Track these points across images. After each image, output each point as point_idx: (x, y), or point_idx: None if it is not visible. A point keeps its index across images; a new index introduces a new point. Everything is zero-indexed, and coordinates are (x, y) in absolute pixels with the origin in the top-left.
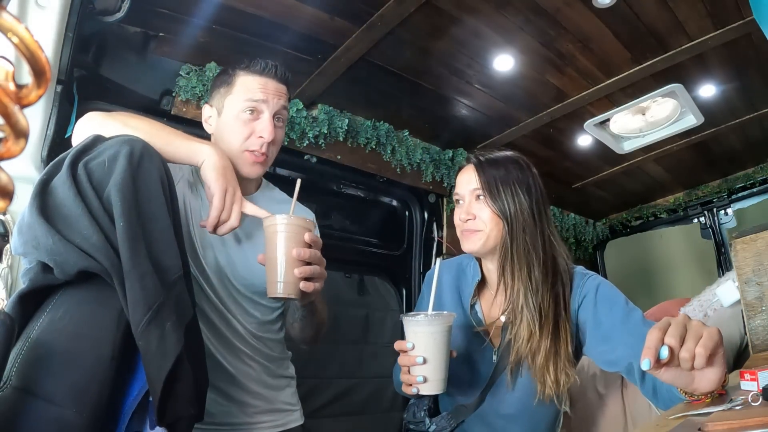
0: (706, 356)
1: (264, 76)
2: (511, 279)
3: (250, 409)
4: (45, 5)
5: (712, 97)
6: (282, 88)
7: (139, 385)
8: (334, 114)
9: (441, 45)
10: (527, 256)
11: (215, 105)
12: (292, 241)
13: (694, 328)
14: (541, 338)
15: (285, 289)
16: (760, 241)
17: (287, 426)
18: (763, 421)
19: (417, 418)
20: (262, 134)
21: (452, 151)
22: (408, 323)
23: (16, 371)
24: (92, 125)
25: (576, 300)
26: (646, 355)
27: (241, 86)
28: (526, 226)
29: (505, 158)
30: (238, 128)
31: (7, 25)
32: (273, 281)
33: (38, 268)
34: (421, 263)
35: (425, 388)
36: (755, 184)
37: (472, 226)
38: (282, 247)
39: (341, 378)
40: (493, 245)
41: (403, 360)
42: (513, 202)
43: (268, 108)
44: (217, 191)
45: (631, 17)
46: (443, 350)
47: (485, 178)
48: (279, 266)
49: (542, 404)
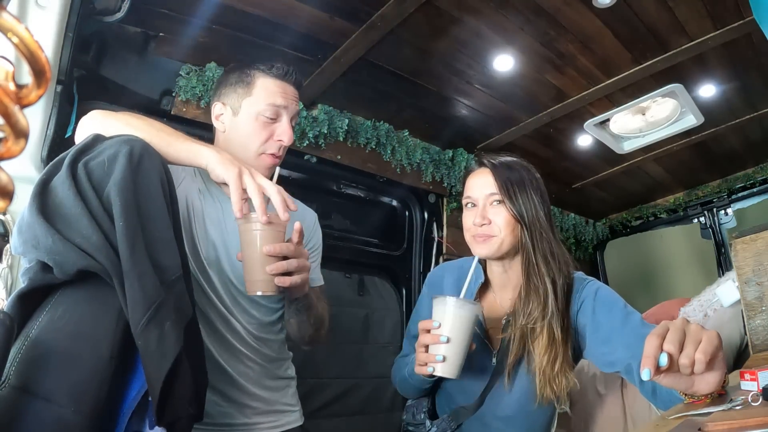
0: (706, 362)
1: (284, 81)
2: (539, 283)
3: (248, 410)
4: (45, 5)
5: (712, 97)
6: (297, 93)
7: (138, 384)
8: (334, 114)
9: (441, 45)
10: (550, 260)
11: (230, 104)
12: (263, 238)
13: (693, 333)
14: (557, 344)
15: (259, 287)
16: (760, 241)
17: (286, 427)
18: (763, 421)
19: (416, 420)
20: (282, 138)
21: (452, 151)
22: (438, 303)
23: (15, 370)
24: (95, 124)
25: (575, 304)
26: (646, 365)
27: (261, 89)
28: (543, 230)
29: (516, 162)
30: (258, 131)
31: (7, 25)
32: (248, 280)
33: (38, 267)
34: (421, 263)
35: (442, 368)
36: (755, 184)
37: (487, 231)
38: (252, 245)
39: (341, 378)
40: (507, 250)
41: (426, 338)
42: (530, 206)
43: (287, 113)
44: (232, 175)
45: (631, 17)
46: (467, 335)
47: (503, 182)
48: (252, 264)
49: (539, 406)
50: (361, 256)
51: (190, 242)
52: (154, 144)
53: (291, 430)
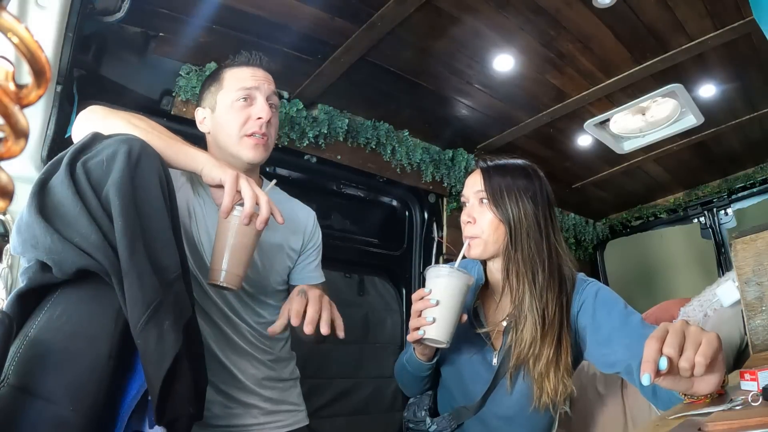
0: (706, 365)
1: (251, 66)
2: (517, 282)
3: (256, 410)
4: (45, 5)
5: (712, 97)
6: (269, 75)
7: (137, 384)
8: (334, 114)
9: (441, 45)
10: (531, 261)
11: (207, 105)
12: (240, 233)
13: (693, 335)
14: (543, 344)
15: (221, 277)
16: (760, 241)
17: (294, 426)
18: (763, 421)
19: (417, 417)
20: (260, 115)
21: (452, 151)
22: (430, 272)
23: (14, 369)
24: (95, 118)
25: (575, 306)
26: (646, 370)
27: (231, 79)
28: (530, 232)
29: (513, 166)
30: (234, 116)
31: (7, 25)
32: (213, 268)
33: (37, 267)
34: (421, 263)
35: (432, 330)
36: (755, 184)
37: (470, 232)
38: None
39: (341, 378)
40: (493, 250)
41: (418, 305)
42: (517, 207)
43: (260, 93)
44: (228, 177)
45: (631, 17)
46: (457, 301)
47: (489, 183)
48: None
49: (535, 410)
50: (361, 256)
51: (192, 244)
52: (153, 145)
53: (298, 429)
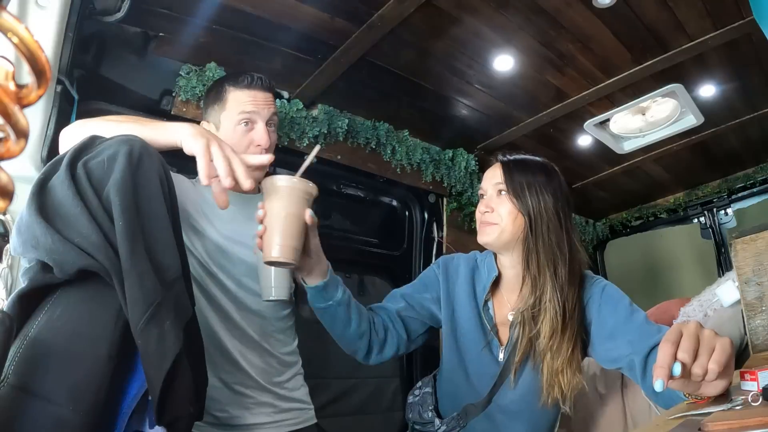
0: (719, 372)
1: (252, 89)
2: (538, 273)
3: (269, 408)
4: (45, 5)
5: (712, 97)
6: (270, 96)
7: (138, 384)
8: (334, 114)
9: (441, 45)
10: (552, 254)
11: (213, 121)
12: (290, 203)
13: (707, 340)
14: (563, 339)
15: (282, 253)
16: (760, 241)
17: (305, 424)
18: (763, 421)
19: (424, 419)
20: (260, 143)
21: (452, 151)
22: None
23: (14, 369)
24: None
25: (582, 302)
26: (659, 375)
27: (233, 101)
28: (551, 225)
29: (533, 161)
30: (238, 140)
31: (7, 25)
32: (268, 246)
33: (37, 267)
34: (421, 263)
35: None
36: (755, 184)
37: (489, 219)
38: (287, 206)
39: (341, 378)
40: (507, 240)
41: None
42: (537, 200)
43: (260, 118)
44: (200, 146)
45: (631, 17)
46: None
47: (510, 175)
48: (284, 228)
49: (543, 406)
50: (361, 256)
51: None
52: (136, 133)
53: (308, 427)
